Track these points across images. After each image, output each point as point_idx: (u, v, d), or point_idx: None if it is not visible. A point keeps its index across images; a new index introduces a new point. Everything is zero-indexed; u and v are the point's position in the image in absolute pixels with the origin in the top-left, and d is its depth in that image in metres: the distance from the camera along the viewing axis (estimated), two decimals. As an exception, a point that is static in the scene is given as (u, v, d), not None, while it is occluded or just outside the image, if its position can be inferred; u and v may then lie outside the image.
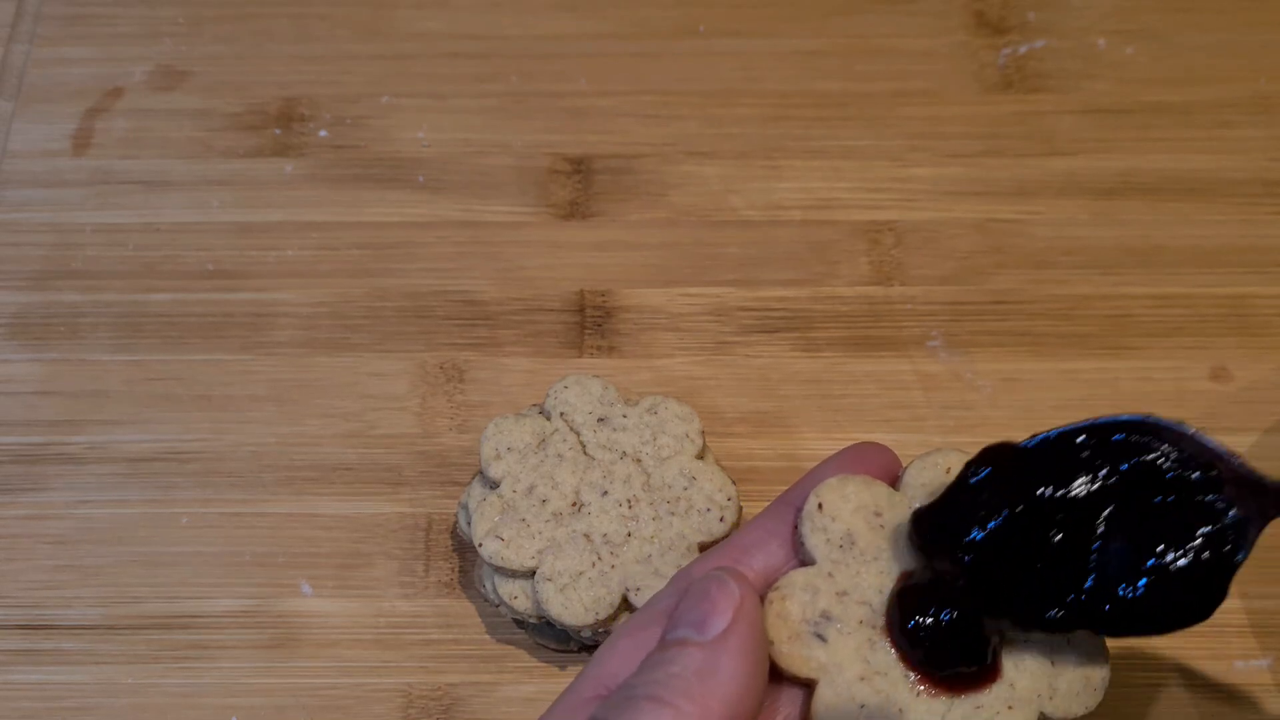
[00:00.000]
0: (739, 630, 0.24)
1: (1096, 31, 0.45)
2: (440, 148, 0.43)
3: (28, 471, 0.38)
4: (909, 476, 0.27)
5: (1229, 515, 0.25)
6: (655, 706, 0.23)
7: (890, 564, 0.26)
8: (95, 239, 0.42)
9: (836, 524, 0.26)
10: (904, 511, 0.27)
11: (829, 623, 0.26)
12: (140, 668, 0.35)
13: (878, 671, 0.25)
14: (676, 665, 0.23)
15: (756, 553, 0.27)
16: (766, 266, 0.41)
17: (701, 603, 0.24)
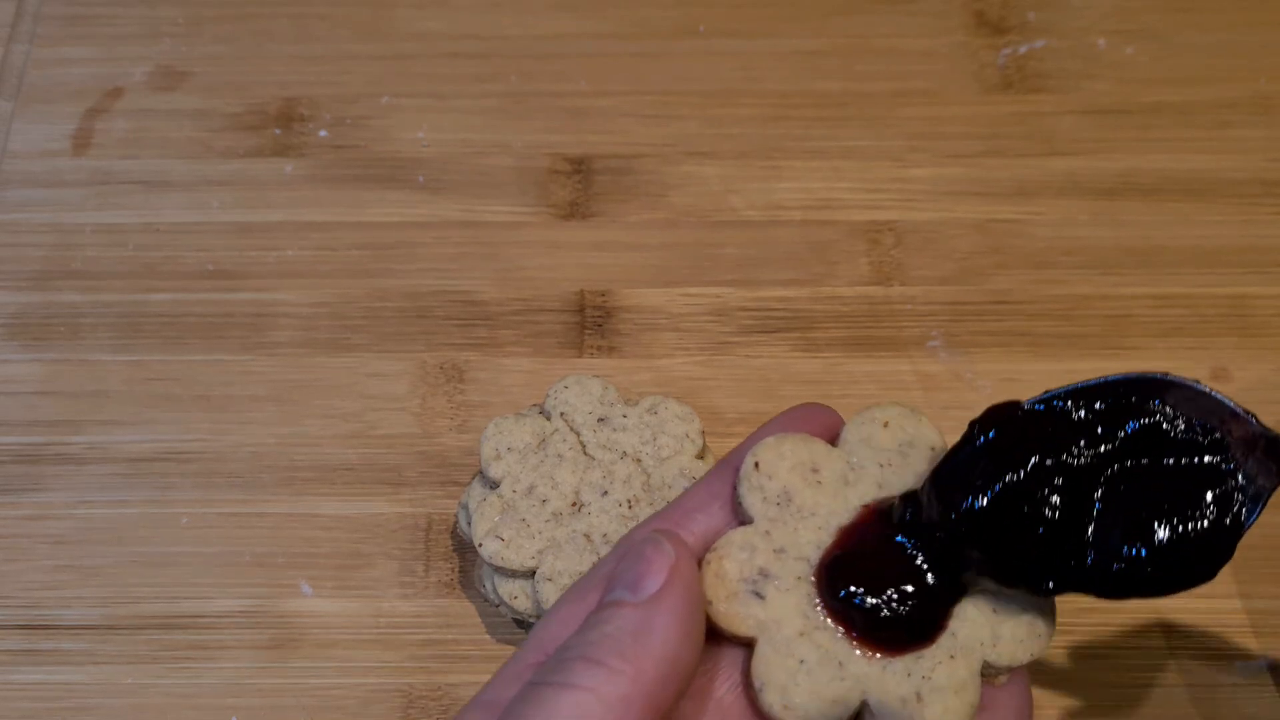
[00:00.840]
0: (673, 589, 0.24)
1: (1096, 31, 0.45)
2: (440, 148, 0.43)
3: (28, 471, 0.38)
4: (848, 433, 0.27)
5: (1239, 476, 0.24)
6: (587, 666, 0.23)
7: (828, 520, 0.26)
8: (95, 239, 0.42)
9: (773, 482, 0.26)
10: (840, 467, 0.27)
11: (767, 580, 0.25)
12: (140, 668, 0.35)
13: (817, 626, 0.25)
14: (610, 625, 0.23)
15: (698, 515, 0.27)
16: (766, 267, 0.41)
17: (637, 564, 0.24)
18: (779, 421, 0.28)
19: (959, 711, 0.25)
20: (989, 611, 0.26)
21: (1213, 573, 0.24)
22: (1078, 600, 0.35)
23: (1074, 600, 0.36)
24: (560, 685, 0.22)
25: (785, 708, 0.25)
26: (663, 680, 0.23)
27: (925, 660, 0.25)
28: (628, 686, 0.22)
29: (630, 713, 0.22)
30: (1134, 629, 0.35)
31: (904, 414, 0.27)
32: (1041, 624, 0.26)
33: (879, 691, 0.25)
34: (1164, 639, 0.35)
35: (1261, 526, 0.36)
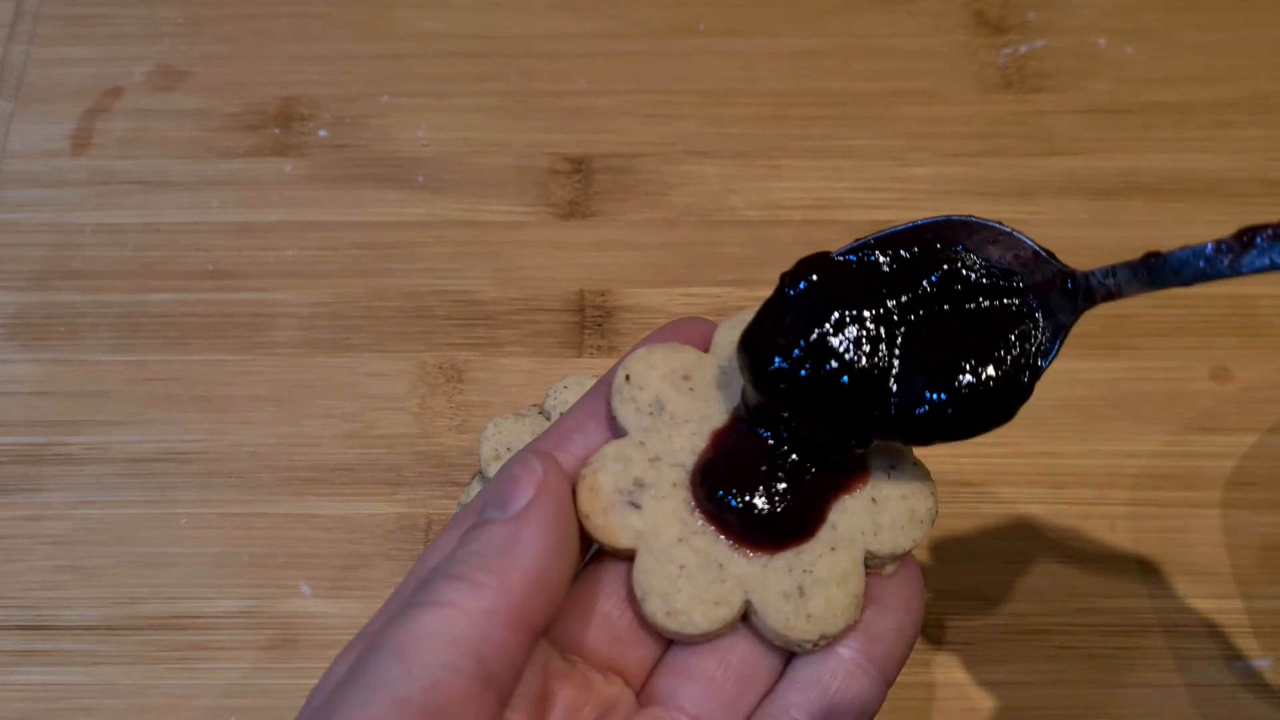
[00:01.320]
0: (541, 503, 0.23)
1: (1096, 31, 0.45)
2: (440, 147, 0.43)
3: (27, 472, 0.38)
4: (718, 336, 0.27)
5: (1038, 315, 0.24)
6: (450, 582, 0.23)
7: (701, 425, 0.26)
8: (95, 239, 0.42)
9: (644, 392, 0.26)
10: (712, 371, 0.26)
11: (642, 490, 0.25)
12: (139, 668, 0.35)
13: (695, 531, 0.25)
14: (477, 543, 0.23)
15: (575, 435, 0.26)
16: (766, 266, 0.41)
17: (505, 483, 0.24)
18: (654, 335, 0.27)
19: (842, 602, 0.25)
20: (868, 501, 0.26)
21: (1010, 413, 0.24)
22: (1076, 600, 0.36)
23: (1071, 600, 0.36)
24: (423, 604, 0.22)
25: (668, 614, 0.25)
26: (529, 591, 0.23)
27: (806, 555, 0.25)
28: (492, 599, 0.22)
29: (495, 624, 0.22)
30: (1135, 629, 0.35)
31: None
32: (922, 509, 0.26)
33: (761, 590, 0.25)
34: (1165, 639, 0.35)
35: (1263, 526, 0.37)
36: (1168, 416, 0.38)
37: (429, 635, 0.22)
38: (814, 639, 0.25)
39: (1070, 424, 0.38)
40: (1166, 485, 0.37)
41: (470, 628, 0.22)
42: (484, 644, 0.22)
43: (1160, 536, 0.37)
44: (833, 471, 0.25)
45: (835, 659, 0.25)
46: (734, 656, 0.25)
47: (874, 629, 0.25)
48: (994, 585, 0.36)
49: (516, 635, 0.22)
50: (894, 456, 0.26)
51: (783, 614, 0.25)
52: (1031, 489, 0.37)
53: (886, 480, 0.26)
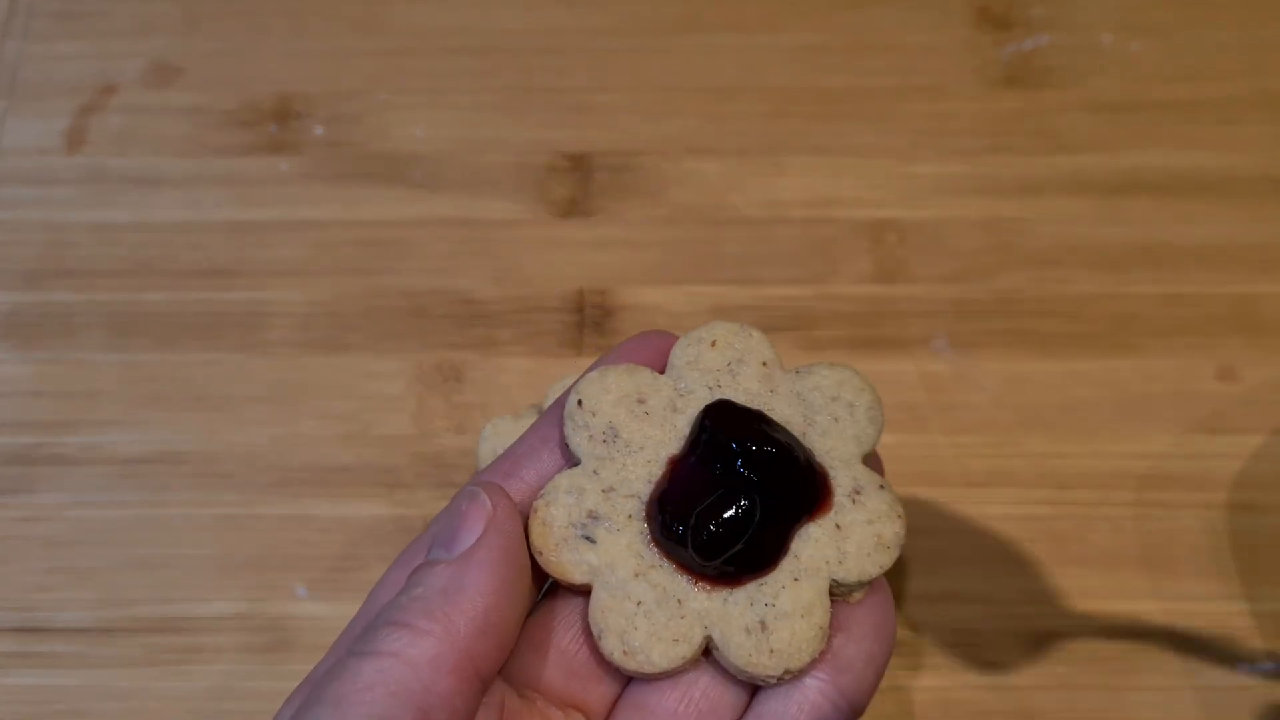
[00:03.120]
0: (488, 542, 0.23)
1: (1101, 27, 0.45)
2: (437, 145, 0.43)
3: (20, 473, 0.37)
4: (673, 356, 0.26)
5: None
6: (392, 630, 0.22)
7: (657, 451, 0.25)
8: (89, 238, 0.41)
9: (598, 419, 0.25)
10: (668, 394, 0.26)
11: (597, 523, 0.25)
12: (134, 671, 0.35)
13: (652, 566, 0.24)
14: (421, 587, 0.22)
15: (527, 463, 0.26)
16: (768, 265, 0.41)
17: (452, 520, 0.23)
18: (611, 355, 0.27)
19: (806, 635, 0.24)
20: (832, 528, 0.25)
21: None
22: (1082, 602, 0.35)
23: (1076, 602, 0.35)
24: (363, 654, 0.22)
25: (625, 653, 0.24)
26: (476, 636, 0.22)
27: (768, 587, 0.24)
28: (435, 646, 0.22)
29: (439, 673, 0.21)
30: (1140, 631, 0.35)
31: (733, 330, 0.26)
32: (889, 534, 0.25)
33: (722, 625, 0.24)
34: (1170, 641, 0.35)
35: (1270, 527, 0.36)
36: (1173, 417, 0.38)
37: (367, 687, 0.21)
38: (778, 674, 0.24)
39: (1075, 424, 0.38)
40: (1172, 486, 0.37)
41: (412, 677, 0.21)
42: (426, 695, 0.21)
43: (1166, 538, 0.36)
44: (795, 499, 0.25)
45: (802, 691, 0.24)
46: (696, 691, 0.25)
47: (842, 659, 0.24)
48: (998, 587, 0.36)
49: (462, 683, 0.22)
50: (860, 480, 0.26)
51: (745, 650, 0.24)
52: (1037, 490, 0.37)
53: (851, 505, 0.25)
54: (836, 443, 0.26)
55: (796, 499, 0.25)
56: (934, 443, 0.37)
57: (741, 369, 0.26)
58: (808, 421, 0.26)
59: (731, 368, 0.26)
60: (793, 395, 0.26)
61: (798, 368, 0.27)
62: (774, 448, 0.24)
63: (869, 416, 0.26)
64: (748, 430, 0.25)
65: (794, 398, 0.26)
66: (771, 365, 0.26)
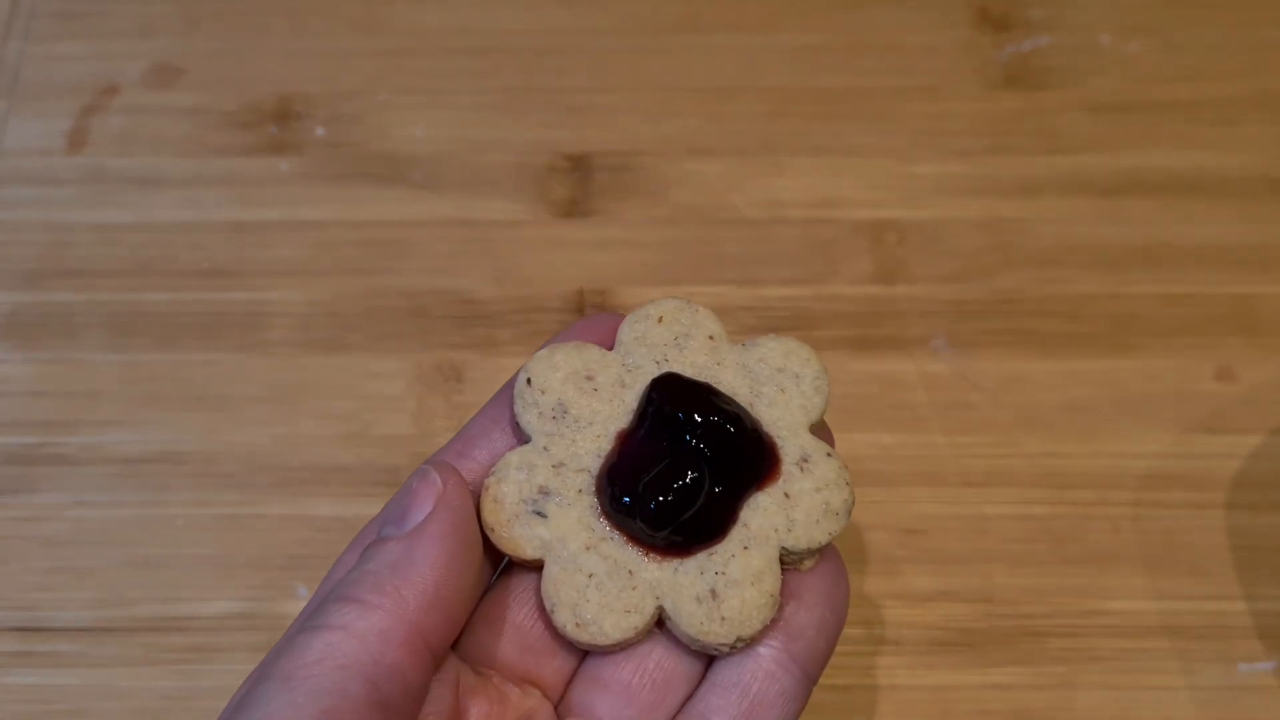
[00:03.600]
0: (438, 518, 0.23)
1: (1100, 28, 0.45)
2: (438, 145, 0.43)
3: (21, 473, 0.37)
4: (621, 333, 0.27)
5: None
6: (341, 605, 0.22)
7: (606, 426, 0.26)
8: (89, 238, 0.41)
9: (547, 396, 0.26)
10: (616, 370, 0.26)
11: (548, 498, 0.25)
12: (135, 670, 0.35)
13: (603, 538, 0.25)
14: (372, 563, 0.23)
15: (479, 443, 0.26)
16: (768, 265, 0.41)
17: (403, 498, 0.24)
18: (561, 335, 0.27)
19: (757, 602, 0.24)
20: (781, 497, 0.25)
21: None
22: (1080, 602, 0.35)
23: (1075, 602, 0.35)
24: (313, 629, 0.22)
25: (578, 625, 0.24)
26: (426, 610, 0.22)
27: (718, 556, 0.24)
28: (385, 620, 0.22)
29: (389, 646, 0.21)
30: (1139, 631, 0.35)
31: (679, 306, 0.27)
32: (837, 501, 0.25)
33: (673, 595, 0.24)
34: (1169, 641, 0.35)
35: (1268, 527, 0.36)
36: (1172, 417, 0.38)
37: (317, 661, 0.21)
38: (729, 642, 0.24)
39: (1074, 424, 0.38)
40: (1171, 486, 0.37)
41: (362, 650, 0.21)
42: (376, 667, 0.21)
43: (1165, 538, 0.36)
44: (743, 468, 0.25)
45: (755, 659, 0.24)
46: (651, 663, 0.25)
47: (794, 626, 0.25)
48: (997, 587, 0.36)
49: (413, 656, 0.22)
50: (807, 449, 0.26)
51: (696, 618, 0.24)
52: (1035, 489, 0.37)
53: (799, 474, 0.25)
54: (783, 412, 0.26)
55: (744, 468, 0.25)
56: (933, 443, 0.38)
57: (688, 343, 0.26)
58: (754, 392, 0.26)
59: (678, 342, 0.26)
60: (739, 367, 0.26)
61: (744, 341, 0.27)
62: (721, 417, 0.25)
63: (815, 386, 0.26)
64: (694, 401, 0.25)
65: (741, 369, 0.26)
66: (718, 339, 0.27)
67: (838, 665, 0.34)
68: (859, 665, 0.35)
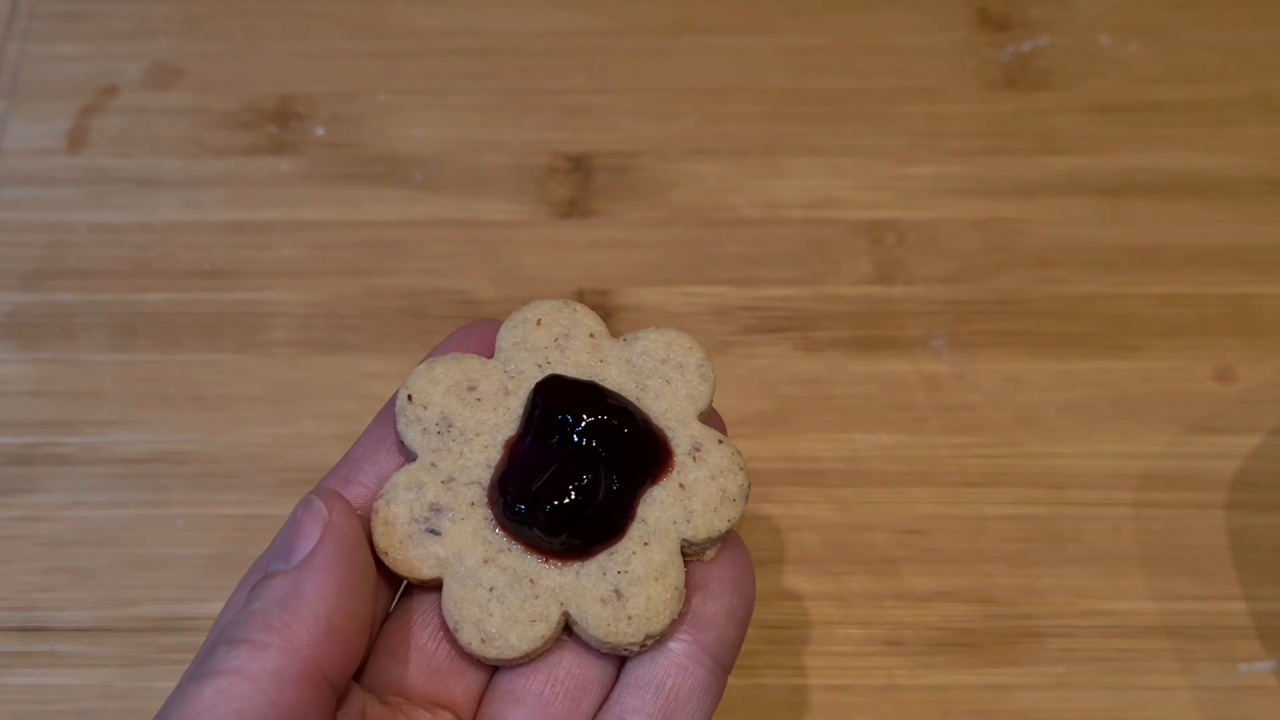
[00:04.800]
0: (325, 548, 0.22)
1: (1099, 28, 0.45)
2: (437, 145, 0.43)
3: (21, 473, 0.37)
4: (500, 339, 0.26)
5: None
6: (230, 649, 0.21)
7: (493, 436, 0.25)
8: (89, 238, 0.41)
9: (429, 411, 0.25)
10: (498, 378, 0.26)
11: (440, 515, 0.24)
12: (135, 670, 0.35)
13: (501, 550, 0.24)
14: (260, 600, 0.22)
15: (365, 466, 0.26)
16: (767, 265, 0.41)
17: (289, 530, 0.23)
18: (438, 347, 0.27)
19: (662, 598, 0.24)
20: (676, 488, 0.25)
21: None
22: (1079, 602, 0.35)
23: (1074, 602, 0.35)
24: (203, 676, 0.21)
25: (483, 641, 0.24)
26: (319, 643, 0.22)
27: (618, 555, 0.24)
28: (277, 658, 0.21)
29: (283, 684, 0.21)
30: (1139, 631, 0.35)
31: (556, 306, 0.27)
32: (733, 487, 0.25)
33: (577, 599, 0.24)
34: (1168, 641, 0.35)
35: (1268, 527, 0.36)
36: (1171, 417, 0.38)
37: (209, 709, 0.21)
38: (639, 640, 0.24)
39: (1073, 424, 0.38)
40: (1170, 486, 0.37)
41: (255, 693, 0.21)
42: (273, 708, 0.21)
43: (1164, 538, 0.36)
44: (635, 463, 0.25)
45: (667, 655, 0.24)
46: (562, 670, 0.25)
47: (702, 617, 0.24)
48: (996, 587, 0.36)
49: (310, 692, 0.21)
50: (699, 438, 0.26)
51: (603, 620, 0.24)
52: (1034, 490, 0.37)
53: (693, 464, 0.25)
54: (671, 403, 0.26)
55: (637, 463, 0.25)
56: (932, 443, 0.38)
57: (569, 343, 0.26)
58: (640, 386, 0.26)
59: (559, 343, 0.26)
60: (623, 362, 0.26)
61: (625, 336, 0.27)
62: (608, 414, 0.24)
63: (700, 374, 0.26)
64: (580, 401, 0.25)
65: (624, 364, 0.26)
66: (599, 336, 0.26)
67: (838, 665, 0.34)
68: (859, 665, 0.35)
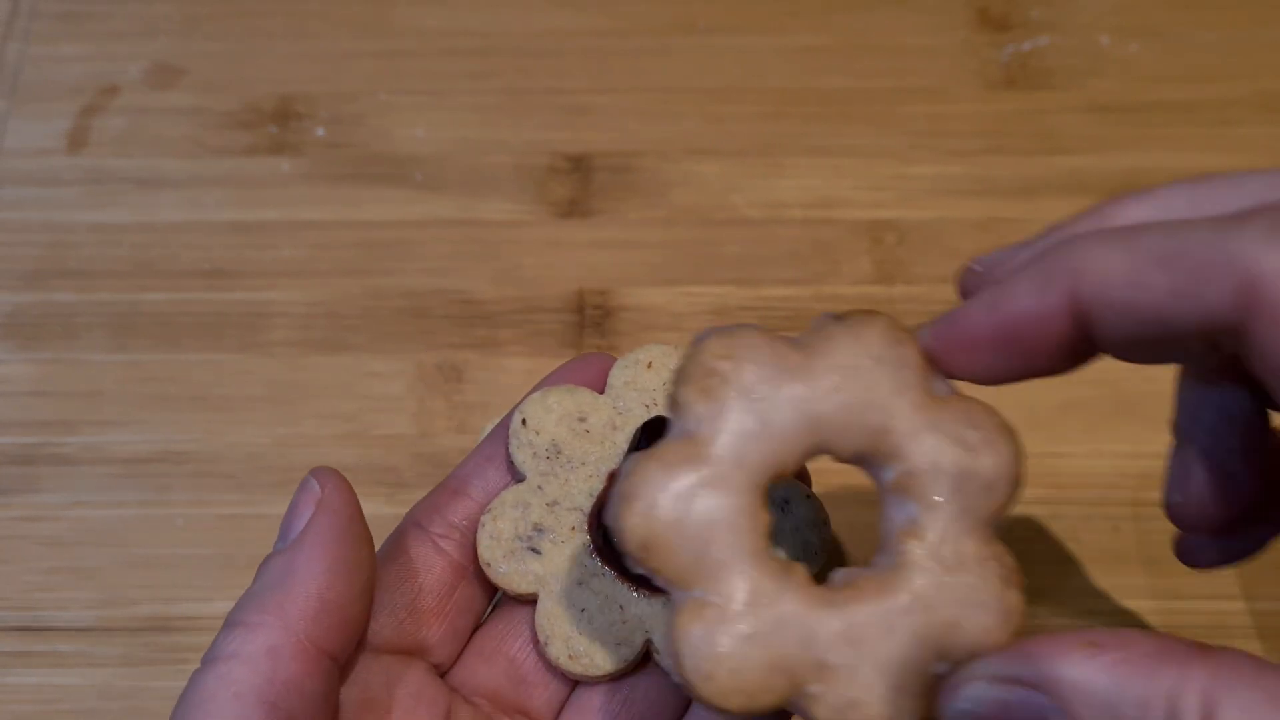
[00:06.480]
0: (317, 523, 0.23)
1: (1100, 28, 0.45)
2: (438, 145, 0.43)
3: (21, 472, 0.37)
4: (612, 377, 0.28)
5: None
6: (227, 633, 0.22)
7: (598, 467, 0.27)
8: (90, 238, 0.41)
9: (541, 436, 0.27)
10: (608, 413, 0.27)
11: (541, 535, 0.26)
12: (136, 670, 0.35)
13: (594, 574, 0.26)
14: (256, 583, 0.23)
15: (474, 481, 0.27)
16: (768, 265, 0.41)
17: (288, 513, 0.23)
18: (552, 376, 0.28)
19: None
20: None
21: None
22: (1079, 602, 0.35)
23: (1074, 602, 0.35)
24: (204, 664, 0.22)
25: (570, 658, 0.25)
26: (314, 619, 0.22)
27: None
28: (271, 636, 0.22)
29: (281, 661, 0.21)
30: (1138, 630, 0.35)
31: (666, 352, 0.28)
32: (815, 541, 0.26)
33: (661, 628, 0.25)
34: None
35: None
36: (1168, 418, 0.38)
37: (211, 697, 0.21)
38: None
39: (1074, 424, 0.38)
40: (1171, 486, 0.37)
41: (253, 674, 0.21)
42: (270, 687, 0.21)
43: (1165, 538, 0.36)
44: None
45: None
46: (639, 693, 0.25)
47: None
48: (997, 587, 0.36)
49: (309, 665, 0.22)
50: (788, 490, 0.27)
51: None
52: (1034, 489, 0.37)
53: (781, 514, 0.27)
54: None
55: None
56: (933, 443, 0.38)
57: None
58: None
59: (666, 387, 0.28)
60: None
61: None
62: None
63: None
64: None
65: None
66: None
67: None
68: None
